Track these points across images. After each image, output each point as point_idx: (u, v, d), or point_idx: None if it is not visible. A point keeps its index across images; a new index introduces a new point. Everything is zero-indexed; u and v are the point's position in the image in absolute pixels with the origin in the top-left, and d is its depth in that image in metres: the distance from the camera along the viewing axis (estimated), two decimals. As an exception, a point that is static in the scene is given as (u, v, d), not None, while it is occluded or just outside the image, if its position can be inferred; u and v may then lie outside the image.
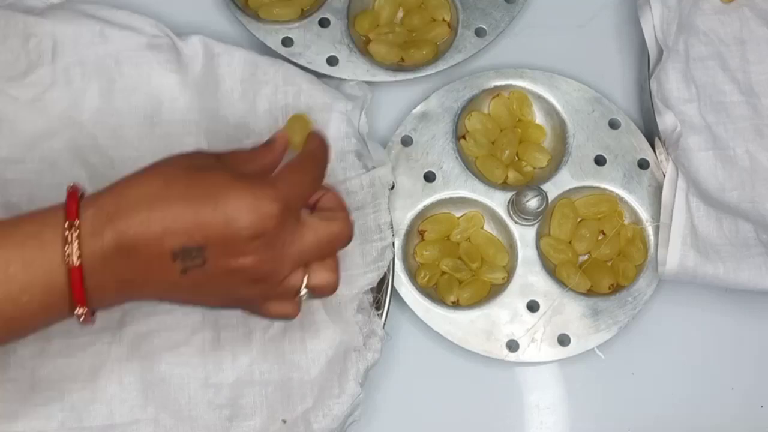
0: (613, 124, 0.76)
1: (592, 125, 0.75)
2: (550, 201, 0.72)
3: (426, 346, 0.71)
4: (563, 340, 0.70)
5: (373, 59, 0.76)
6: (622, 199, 0.74)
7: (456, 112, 0.75)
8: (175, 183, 0.53)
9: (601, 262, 0.73)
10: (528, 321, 0.70)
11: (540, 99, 0.76)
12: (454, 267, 0.72)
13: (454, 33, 0.78)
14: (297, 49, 0.76)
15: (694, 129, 0.72)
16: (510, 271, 0.72)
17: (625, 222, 0.74)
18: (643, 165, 0.74)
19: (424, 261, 0.72)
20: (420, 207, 0.73)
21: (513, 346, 0.70)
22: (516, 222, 0.73)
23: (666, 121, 0.73)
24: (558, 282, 0.71)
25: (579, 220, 0.74)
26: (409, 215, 0.72)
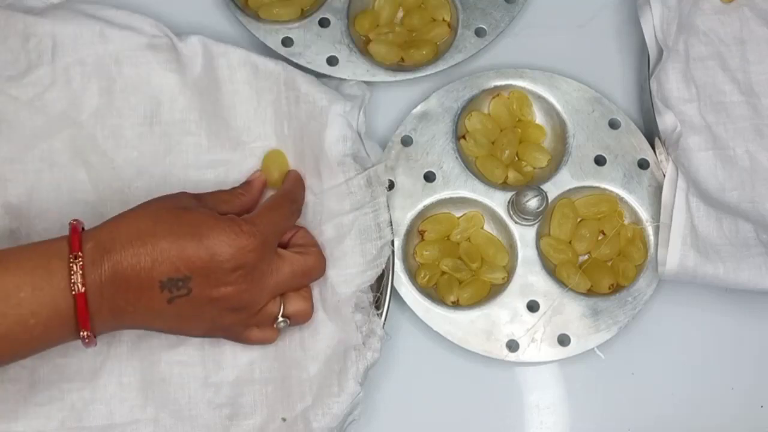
0: (613, 124, 0.76)
1: (592, 125, 0.75)
2: (550, 201, 0.72)
3: (426, 346, 0.71)
4: (563, 340, 0.70)
5: (373, 59, 0.76)
6: (622, 199, 0.74)
7: (456, 112, 0.75)
8: (162, 221, 0.58)
9: (601, 262, 0.73)
10: (528, 321, 0.70)
11: (540, 99, 0.76)
12: (454, 267, 0.72)
13: (454, 33, 0.78)
14: (297, 49, 0.76)
15: (694, 129, 0.72)
16: (510, 271, 0.72)
17: (625, 222, 0.74)
18: (643, 165, 0.74)
19: (424, 261, 0.72)
20: (420, 207, 0.73)
21: (513, 346, 0.70)
22: (516, 222, 0.73)
23: (666, 121, 0.73)
24: (558, 282, 0.71)
25: (579, 220, 0.74)
26: (409, 215, 0.72)
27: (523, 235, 0.72)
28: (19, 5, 0.72)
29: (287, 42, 0.76)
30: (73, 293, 0.55)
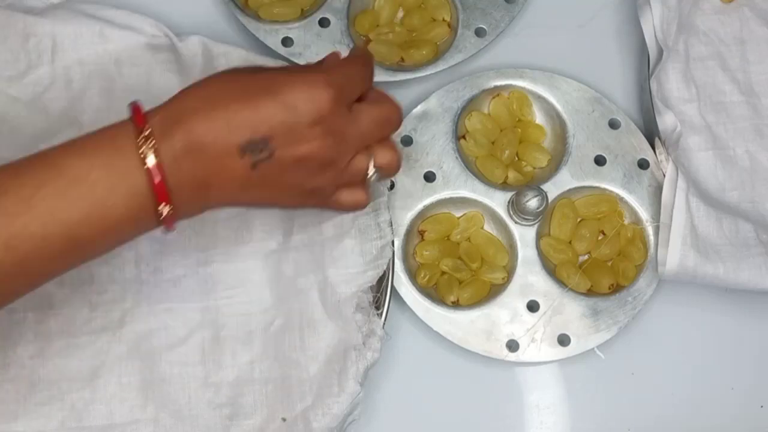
0: (613, 124, 0.76)
1: (592, 125, 0.75)
2: (550, 201, 0.72)
3: (426, 346, 0.71)
4: (563, 340, 0.70)
5: (373, 59, 0.76)
6: (622, 199, 0.74)
7: (456, 112, 0.75)
8: (231, 84, 0.56)
9: (601, 262, 0.73)
10: (528, 321, 0.70)
11: (540, 99, 0.76)
12: (454, 267, 0.72)
13: (454, 33, 0.78)
14: (297, 49, 0.76)
15: (694, 129, 0.72)
16: (510, 271, 0.72)
17: (625, 222, 0.74)
18: (643, 165, 0.74)
19: (424, 261, 0.72)
20: (420, 207, 0.73)
21: (513, 346, 0.70)
22: (516, 222, 0.73)
23: (666, 121, 0.73)
24: (558, 282, 0.71)
25: (579, 220, 0.74)
26: (409, 215, 0.72)
27: (523, 235, 0.72)
28: (19, 5, 0.72)
29: (287, 42, 0.76)
30: (146, 166, 0.52)
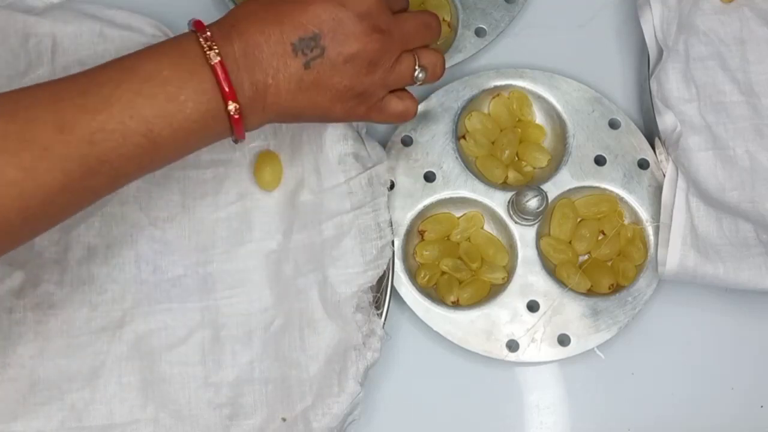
0: (613, 124, 0.76)
1: (592, 125, 0.75)
2: (550, 201, 0.72)
3: (426, 346, 0.71)
4: (563, 340, 0.70)
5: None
6: (622, 199, 0.74)
7: (456, 112, 0.75)
8: None
9: (601, 262, 0.73)
10: (528, 321, 0.70)
11: (540, 99, 0.76)
12: (454, 267, 0.72)
13: (454, 33, 0.78)
14: (297, 49, 0.76)
15: (694, 129, 0.72)
16: (510, 271, 0.72)
17: (625, 222, 0.74)
18: (643, 165, 0.74)
19: (424, 261, 0.72)
20: (420, 207, 0.73)
21: (513, 346, 0.70)
22: (516, 222, 0.73)
23: (666, 121, 0.73)
24: (558, 282, 0.71)
25: (579, 220, 0.74)
26: (409, 215, 0.72)
27: (523, 235, 0.72)
28: (19, 5, 0.72)
29: (287, 42, 0.76)
30: (211, 63, 0.55)
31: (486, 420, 0.70)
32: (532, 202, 0.70)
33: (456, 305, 0.71)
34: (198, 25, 0.58)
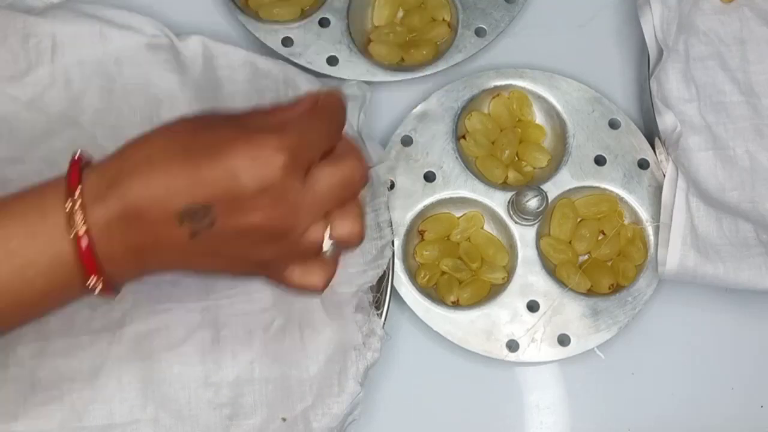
0: (613, 124, 0.76)
1: (592, 125, 0.75)
2: (550, 201, 0.72)
3: (426, 346, 0.71)
4: (563, 340, 0.70)
5: (373, 59, 0.76)
6: (622, 199, 0.74)
7: (456, 112, 0.75)
8: (176, 141, 0.50)
9: (601, 262, 0.73)
10: (528, 321, 0.70)
11: (540, 99, 0.76)
12: (454, 267, 0.72)
13: (454, 33, 0.78)
14: (297, 49, 0.76)
15: (694, 129, 0.72)
16: (510, 271, 0.72)
17: (625, 222, 0.74)
18: (643, 165, 0.74)
19: (424, 261, 0.72)
20: (420, 207, 0.73)
21: (513, 346, 0.70)
22: (516, 222, 0.73)
23: (666, 121, 0.73)
24: (558, 282, 0.71)
25: (579, 220, 0.74)
26: (409, 215, 0.72)
27: (523, 235, 0.72)
28: (19, 5, 0.72)
29: (287, 42, 0.76)
30: (72, 233, 0.49)
31: (486, 420, 0.70)
32: (532, 202, 0.70)
33: (456, 305, 0.71)
34: (72, 176, 0.50)
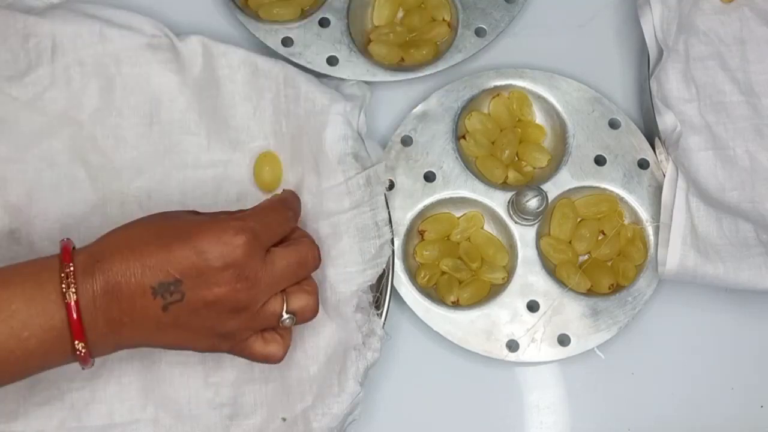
0: (613, 124, 0.76)
1: (592, 125, 0.75)
2: (550, 201, 0.72)
3: (426, 346, 0.71)
4: (563, 340, 0.70)
5: (373, 59, 0.76)
6: (622, 199, 0.74)
7: (456, 112, 0.75)
8: (150, 229, 0.59)
9: (601, 262, 0.73)
10: (528, 321, 0.70)
11: (540, 99, 0.76)
12: (454, 267, 0.72)
13: (454, 33, 0.78)
14: (297, 49, 0.76)
15: (694, 129, 0.72)
16: (510, 271, 0.72)
17: (625, 222, 0.74)
18: (643, 165, 0.74)
19: (424, 261, 0.72)
20: (420, 207, 0.73)
21: (513, 346, 0.70)
22: (516, 222, 0.73)
23: (666, 121, 0.73)
24: (558, 282, 0.71)
25: (579, 220, 0.74)
26: (409, 215, 0.72)
27: (523, 235, 0.72)
28: (19, 5, 0.72)
29: (287, 42, 0.76)
30: (65, 302, 0.55)
31: (486, 420, 0.70)
32: (532, 202, 0.70)
33: (456, 305, 0.71)
34: (65, 254, 0.57)
